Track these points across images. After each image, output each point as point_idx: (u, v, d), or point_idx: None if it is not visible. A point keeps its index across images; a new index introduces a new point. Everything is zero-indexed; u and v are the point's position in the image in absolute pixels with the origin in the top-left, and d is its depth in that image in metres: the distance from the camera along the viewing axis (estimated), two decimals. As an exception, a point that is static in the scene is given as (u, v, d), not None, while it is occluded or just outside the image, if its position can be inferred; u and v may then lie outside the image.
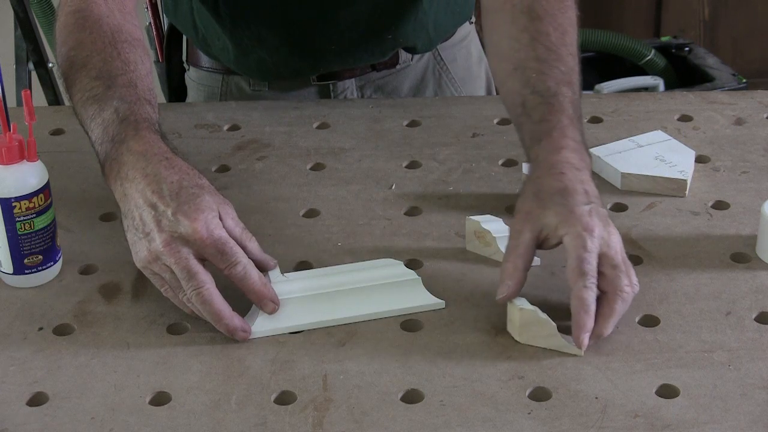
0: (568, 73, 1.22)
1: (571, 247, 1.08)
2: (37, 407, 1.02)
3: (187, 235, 1.07)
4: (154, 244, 1.08)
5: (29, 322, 1.12)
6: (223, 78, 1.58)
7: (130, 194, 1.11)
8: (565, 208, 1.09)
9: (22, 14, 2.19)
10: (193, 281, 1.07)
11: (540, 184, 1.12)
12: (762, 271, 1.17)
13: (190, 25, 1.55)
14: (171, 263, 1.07)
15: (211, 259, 1.08)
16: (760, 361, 1.05)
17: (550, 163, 1.14)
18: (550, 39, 1.24)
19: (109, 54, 1.23)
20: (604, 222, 1.10)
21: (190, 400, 1.02)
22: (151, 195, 1.09)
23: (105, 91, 1.19)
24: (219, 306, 1.07)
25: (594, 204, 1.10)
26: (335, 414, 1.00)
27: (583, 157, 1.16)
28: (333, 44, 1.48)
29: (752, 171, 1.35)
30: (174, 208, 1.08)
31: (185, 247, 1.07)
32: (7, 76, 1.21)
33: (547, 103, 1.19)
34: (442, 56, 1.60)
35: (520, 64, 1.23)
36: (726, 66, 2.84)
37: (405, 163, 1.38)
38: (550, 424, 0.98)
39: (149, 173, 1.10)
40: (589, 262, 1.07)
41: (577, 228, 1.08)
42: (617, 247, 1.09)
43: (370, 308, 1.12)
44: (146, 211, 1.09)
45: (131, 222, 1.10)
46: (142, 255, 1.09)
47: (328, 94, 1.57)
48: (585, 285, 1.06)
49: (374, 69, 1.56)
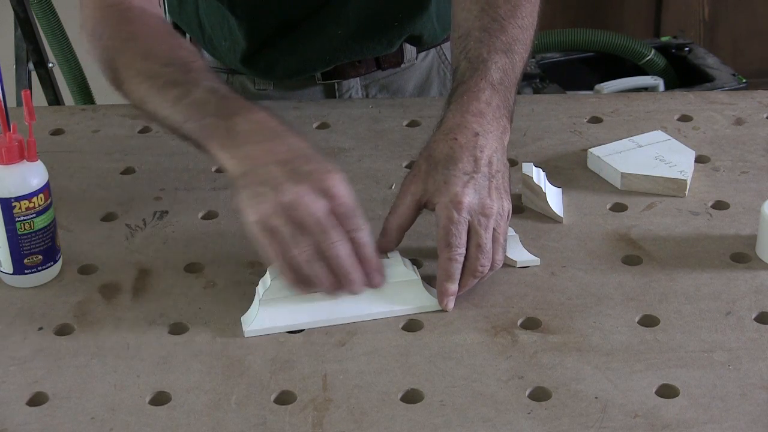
0: (509, 42, 1.24)
1: (439, 217, 1.12)
2: (37, 407, 1.02)
3: (325, 188, 1.07)
4: (286, 195, 1.06)
5: (29, 322, 1.12)
6: (227, 78, 1.58)
7: (254, 155, 1.10)
8: (443, 176, 1.13)
9: (22, 14, 2.19)
10: (329, 234, 1.06)
11: (432, 147, 1.16)
12: (762, 271, 1.17)
13: (195, 25, 1.54)
14: (304, 214, 1.05)
15: (340, 218, 1.07)
16: (760, 361, 1.05)
17: (449, 126, 1.16)
18: (497, 11, 1.26)
19: (170, 44, 1.25)
20: (483, 193, 1.12)
21: (190, 400, 1.02)
22: (283, 154, 1.09)
23: (184, 75, 1.20)
24: (351, 260, 1.08)
25: (478, 174, 1.12)
26: (335, 414, 1.00)
27: (491, 121, 1.17)
28: (341, 28, 1.47)
29: (752, 171, 1.35)
30: (309, 166, 1.08)
31: (322, 200, 1.07)
32: (7, 76, 1.21)
33: (472, 68, 1.21)
34: (447, 55, 1.60)
35: (464, 33, 1.26)
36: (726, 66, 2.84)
37: (405, 163, 1.38)
38: (549, 424, 0.98)
39: (275, 138, 1.11)
40: (454, 234, 1.11)
41: (445, 198, 1.11)
42: (489, 223, 1.11)
43: (370, 308, 1.12)
44: (275, 166, 1.08)
45: (252, 179, 1.08)
46: (264, 208, 1.07)
47: (333, 94, 1.56)
48: (449, 257, 1.11)
49: (379, 68, 1.56)
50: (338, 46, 1.49)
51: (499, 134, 1.17)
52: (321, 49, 1.49)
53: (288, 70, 1.52)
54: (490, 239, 1.12)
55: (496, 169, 1.14)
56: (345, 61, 1.53)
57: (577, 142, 1.41)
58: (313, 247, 1.06)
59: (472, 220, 1.11)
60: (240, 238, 1.24)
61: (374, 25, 1.49)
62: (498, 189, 1.14)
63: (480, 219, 1.11)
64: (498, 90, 1.19)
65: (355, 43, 1.50)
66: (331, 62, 1.52)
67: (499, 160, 1.15)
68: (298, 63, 1.51)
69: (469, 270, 1.12)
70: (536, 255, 1.19)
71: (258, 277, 1.15)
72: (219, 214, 1.29)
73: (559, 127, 1.44)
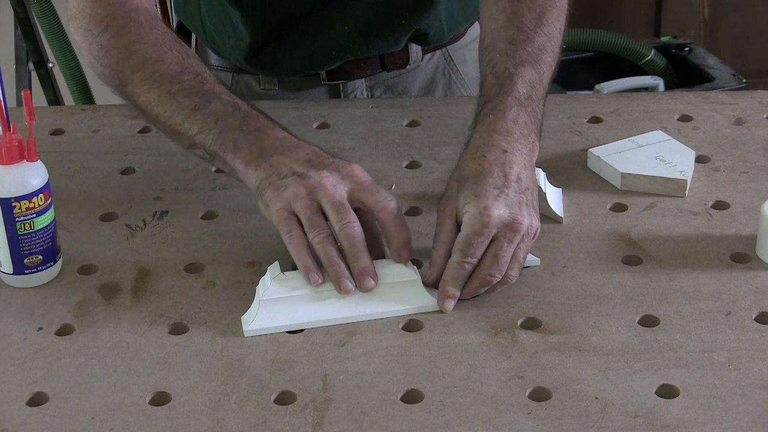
0: (536, 52, 1.24)
1: (464, 225, 1.11)
2: (37, 407, 1.02)
3: (346, 173, 1.12)
4: (309, 180, 1.11)
5: (29, 322, 1.12)
6: (233, 77, 1.57)
7: (277, 163, 1.14)
8: (473, 190, 1.12)
9: (22, 14, 2.19)
10: (346, 215, 1.10)
11: (462, 167, 1.16)
12: (762, 271, 1.17)
13: (198, 24, 1.54)
14: (323, 195, 1.10)
15: (364, 194, 1.12)
16: (760, 361, 1.05)
17: (477, 145, 1.17)
18: (523, 20, 1.26)
19: (179, 51, 1.26)
20: (515, 208, 1.11)
21: (190, 400, 1.02)
22: (303, 156, 1.14)
23: (200, 85, 1.23)
24: (363, 244, 1.10)
25: (508, 188, 1.12)
26: (335, 414, 1.00)
27: (518, 139, 1.17)
28: (348, 25, 1.47)
29: (752, 171, 1.35)
30: (330, 160, 1.14)
31: (342, 183, 1.12)
32: (7, 76, 1.21)
33: (498, 84, 1.21)
34: (452, 57, 1.60)
35: (491, 43, 1.26)
36: (726, 66, 2.84)
37: (405, 163, 1.38)
38: (550, 424, 0.98)
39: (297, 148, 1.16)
40: (473, 245, 1.10)
41: (474, 209, 1.11)
42: (515, 237, 1.10)
43: (370, 308, 1.12)
44: (300, 163, 1.14)
45: (276, 178, 1.13)
46: (287, 192, 1.12)
47: (338, 95, 1.56)
48: (459, 262, 1.10)
49: (384, 69, 1.56)
50: (344, 42, 1.49)
51: (527, 152, 1.17)
52: (327, 45, 1.49)
53: (293, 67, 1.52)
54: (509, 253, 1.10)
55: (526, 185, 1.14)
56: (351, 57, 1.52)
57: (577, 142, 1.41)
58: (328, 230, 1.11)
59: (498, 233, 1.10)
60: (240, 238, 1.24)
61: (381, 22, 1.48)
62: (528, 206, 1.12)
63: (507, 232, 1.10)
64: (525, 106, 1.19)
65: (362, 40, 1.49)
66: (337, 59, 1.51)
67: (528, 177, 1.15)
68: (303, 59, 1.50)
69: (477, 276, 1.11)
70: (536, 255, 1.19)
71: (258, 277, 1.15)
72: (219, 214, 1.29)
73: (559, 127, 1.44)
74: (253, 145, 1.17)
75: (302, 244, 1.11)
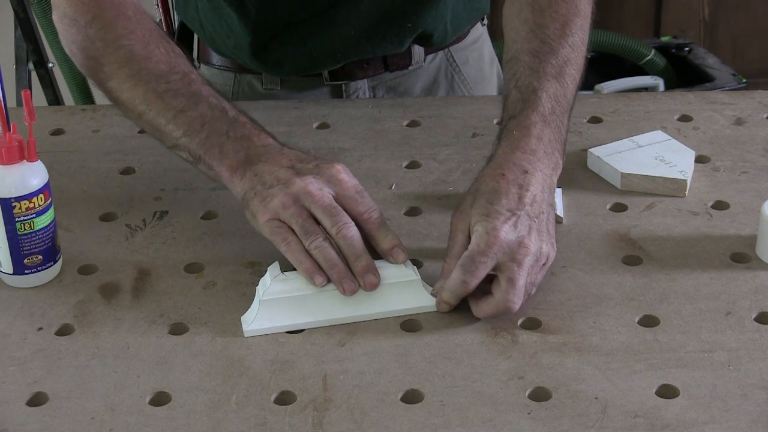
0: (560, 65, 1.23)
1: (471, 243, 1.10)
2: (37, 407, 1.02)
3: (330, 177, 1.12)
4: (294, 187, 1.11)
5: (29, 322, 1.12)
6: (235, 76, 1.57)
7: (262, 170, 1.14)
8: (485, 209, 1.11)
9: (22, 14, 2.19)
10: (339, 217, 1.10)
11: (480, 182, 1.15)
12: (762, 271, 1.17)
13: (198, 24, 1.54)
14: (310, 202, 1.10)
15: (349, 202, 1.12)
16: (760, 361, 1.05)
17: (498, 162, 1.15)
18: (546, 32, 1.24)
19: (167, 49, 1.26)
20: (523, 232, 1.09)
21: (190, 400, 1.02)
22: (291, 162, 1.15)
23: (187, 86, 1.22)
24: (361, 243, 1.11)
25: (521, 212, 1.10)
26: (335, 414, 1.00)
27: (542, 158, 1.16)
28: (353, 28, 1.46)
29: (752, 171, 1.35)
30: (313, 163, 1.14)
31: (327, 187, 1.12)
32: (7, 76, 1.21)
33: (523, 99, 1.20)
34: (455, 58, 1.60)
35: (514, 56, 1.25)
36: (726, 66, 2.84)
37: (405, 163, 1.38)
38: (550, 424, 0.98)
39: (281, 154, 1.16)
40: (476, 264, 1.08)
41: (482, 229, 1.09)
42: (524, 261, 1.08)
43: (370, 308, 1.12)
44: (283, 170, 1.14)
45: (261, 187, 1.13)
46: (274, 203, 1.11)
47: (340, 95, 1.56)
48: (461, 279, 1.08)
49: (387, 70, 1.55)
50: (349, 44, 1.49)
51: (549, 172, 1.16)
52: (331, 46, 1.48)
53: (297, 66, 1.51)
54: (524, 276, 1.08)
55: (540, 210, 1.12)
56: (354, 59, 1.52)
57: (577, 142, 1.41)
58: (323, 233, 1.10)
59: (504, 256, 1.08)
60: (240, 238, 1.24)
61: (387, 24, 1.48)
62: (540, 231, 1.11)
63: (515, 256, 1.08)
64: (550, 122, 1.18)
65: (366, 42, 1.49)
66: (341, 59, 1.51)
67: (544, 200, 1.13)
68: (307, 59, 1.50)
69: (496, 302, 1.08)
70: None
71: (258, 277, 1.15)
72: (219, 214, 1.29)
73: (559, 127, 1.44)
74: (239, 152, 1.17)
75: (300, 249, 1.11)
